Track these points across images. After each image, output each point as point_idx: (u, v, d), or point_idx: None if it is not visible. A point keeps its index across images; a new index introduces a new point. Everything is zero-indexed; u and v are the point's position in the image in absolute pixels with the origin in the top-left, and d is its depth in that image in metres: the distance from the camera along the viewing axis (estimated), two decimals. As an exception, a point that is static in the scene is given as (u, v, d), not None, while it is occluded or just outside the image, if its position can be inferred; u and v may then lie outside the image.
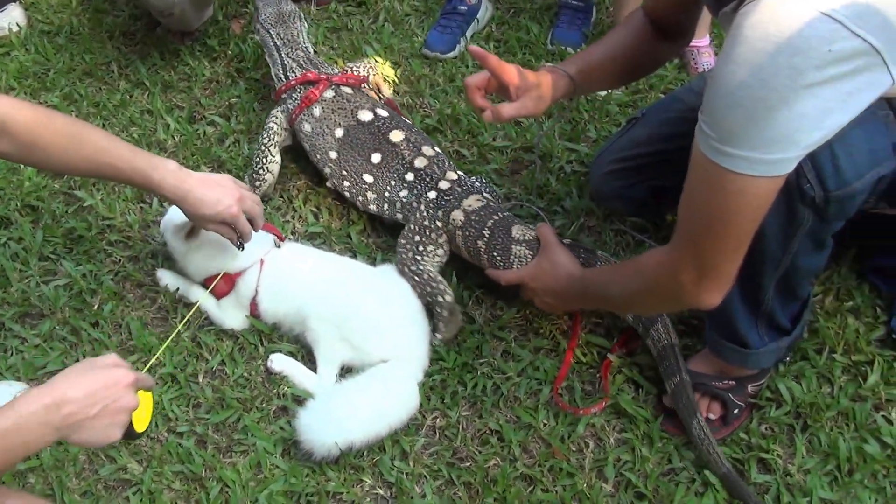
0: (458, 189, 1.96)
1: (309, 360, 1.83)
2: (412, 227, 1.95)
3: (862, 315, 1.83)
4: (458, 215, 1.89)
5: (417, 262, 1.91)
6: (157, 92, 2.49)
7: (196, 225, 1.79)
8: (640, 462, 1.65)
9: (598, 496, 1.60)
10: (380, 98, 2.26)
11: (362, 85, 2.22)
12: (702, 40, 2.48)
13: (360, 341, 1.78)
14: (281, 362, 1.82)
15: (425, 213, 1.94)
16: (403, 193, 1.99)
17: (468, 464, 1.68)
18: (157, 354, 1.77)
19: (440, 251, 1.94)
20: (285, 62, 2.23)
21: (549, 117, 2.36)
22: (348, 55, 2.59)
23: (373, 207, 2.04)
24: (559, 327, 1.88)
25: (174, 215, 1.87)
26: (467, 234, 1.88)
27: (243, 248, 1.81)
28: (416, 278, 1.89)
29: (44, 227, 2.13)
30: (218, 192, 1.72)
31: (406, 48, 2.62)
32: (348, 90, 2.16)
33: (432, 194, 1.96)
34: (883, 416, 1.68)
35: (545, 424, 1.72)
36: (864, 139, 1.33)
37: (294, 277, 1.88)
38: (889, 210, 1.54)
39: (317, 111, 2.12)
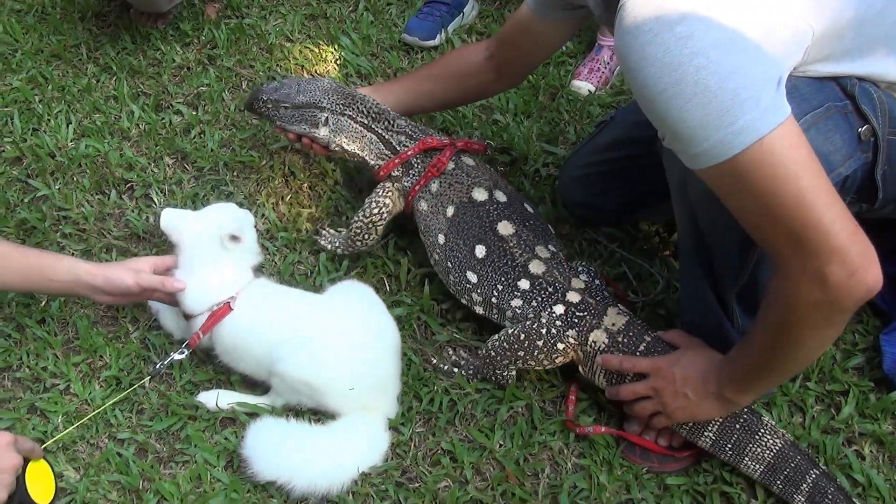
0: (591, 301, 1.65)
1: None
2: (519, 335, 1.63)
3: (840, 341, 1.75)
4: (599, 337, 1.60)
5: (507, 369, 1.67)
6: (124, 77, 2.40)
7: None
8: (597, 490, 1.57)
9: (551, 525, 1.53)
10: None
11: (486, 152, 1.94)
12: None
13: (334, 404, 1.65)
14: (211, 399, 1.71)
15: (546, 332, 1.62)
16: (516, 303, 1.68)
17: (417, 485, 1.60)
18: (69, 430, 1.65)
19: (540, 367, 1.67)
20: (386, 136, 1.86)
21: (528, 117, 2.27)
22: (325, 45, 2.50)
23: (479, 310, 1.75)
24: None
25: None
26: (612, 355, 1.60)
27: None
28: (498, 380, 1.70)
29: (-4, 217, 2.05)
30: None
31: (385, 39, 2.52)
32: (470, 161, 1.85)
33: (559, 308, 1.64)
34: (855, 450, 1.60)
35: (500, 446, 1.64)
36: (820, 141, 1.25)
37: (253, 328, 1.69)
38: (870, 213, 1.44)
39: (434, 186, 1.82)
